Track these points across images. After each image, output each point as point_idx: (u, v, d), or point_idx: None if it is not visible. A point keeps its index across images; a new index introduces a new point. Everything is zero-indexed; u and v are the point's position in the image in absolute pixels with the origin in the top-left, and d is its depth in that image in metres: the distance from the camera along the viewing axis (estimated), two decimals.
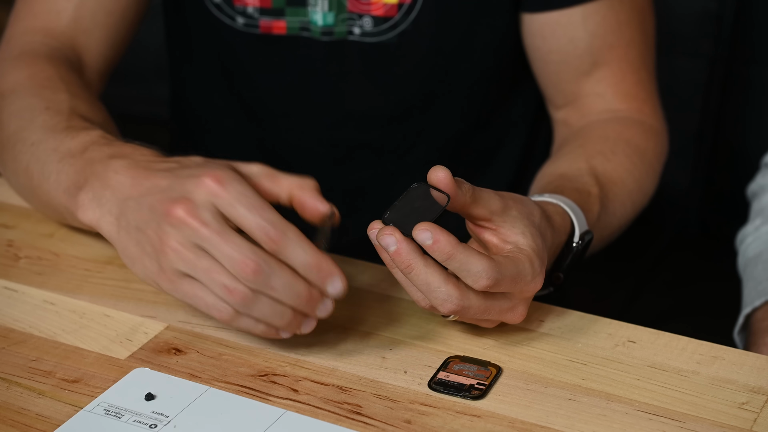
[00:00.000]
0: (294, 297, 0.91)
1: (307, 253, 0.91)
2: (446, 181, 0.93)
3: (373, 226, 0.93)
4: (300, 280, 0.91)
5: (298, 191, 0.96)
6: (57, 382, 0.96)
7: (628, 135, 1.26)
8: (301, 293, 0.91)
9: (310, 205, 0.96)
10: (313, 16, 1.28)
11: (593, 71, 1.29)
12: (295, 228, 0.91)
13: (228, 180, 0.91)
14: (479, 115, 1.37)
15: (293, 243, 0.90)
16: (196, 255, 0.91)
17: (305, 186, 0.96)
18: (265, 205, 0.91)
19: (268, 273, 0.90)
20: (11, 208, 1.22)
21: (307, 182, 0.97)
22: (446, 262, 0.91)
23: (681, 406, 0.92)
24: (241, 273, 0.90)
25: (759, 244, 1.30)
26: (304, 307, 0.92)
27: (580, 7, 1.26)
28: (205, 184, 0.91)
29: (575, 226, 1.07)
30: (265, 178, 0.97)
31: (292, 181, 0.97)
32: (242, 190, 0.91)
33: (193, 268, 0.91)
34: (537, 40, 1.29)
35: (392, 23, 1.28)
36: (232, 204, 0.91)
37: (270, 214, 0.90)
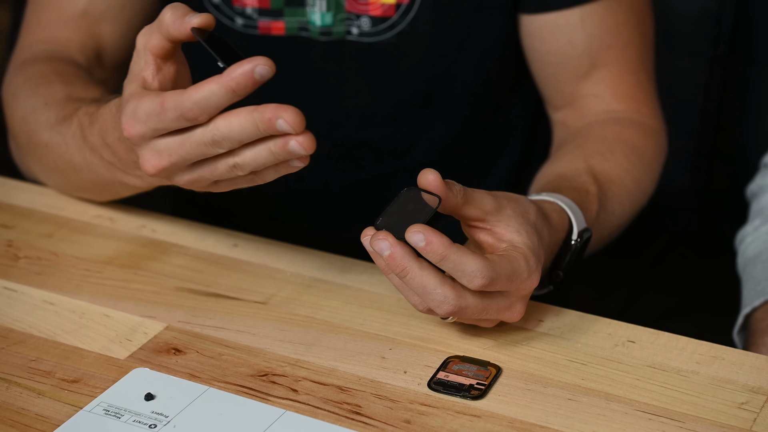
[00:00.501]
0: (251, 131, 0.90)
1: (220, 84, 0.89)
2: (436, 183, 0.93)
3: (366, 233, 0.94)
4: (240, 113, 0.90)
5: (164, 30, 0.93)
6: (56, 382, 0.96)
7: (626, 135, 1.26)
8: (250, 125, 0.90)
9: (177, 34, 0.93)
10: (312, 17, 1.28)
11: (591, 72, 1.29)
12: (194, 86, 0.90)
13: (131, 118, 0.92)
14: (478, 116, 1.37)
15: (203, 99, 0.89)
16: (196, 173, 0.94)
17: (164, 22, 0.93)
18: (163, 102, 0.90)
19: (222, 135, 0.90)
20: (11, 208, 1.22)
21: (164, 16, 0.93)
22: (440, 263, 0.92)
23: (680, 406, 0.92)
24: (213, 151, 0.91)
25: (758, 244, 1.30)
26: (265, 131, 0.90)
27: (579, 9, 1.26)
28: (129, 139, 0.94)
29: (573, 224, 1.07)
30: (149, 45, 0.94)
31: (156, 27, 0.93)
32: (144, 111, 0.91)
33: (206, 178, 0.94)
34: (535, 41, 1.29)
35: (390, 23, 1.28)
36: (152, 129, 0.92)
37: (171, 102, 0.90)
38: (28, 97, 1.20)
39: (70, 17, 1.29)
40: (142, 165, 0.94)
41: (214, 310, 1.05)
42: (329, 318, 1.03)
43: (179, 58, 0.96)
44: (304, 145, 0.90)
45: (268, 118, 0.89)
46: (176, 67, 0.95)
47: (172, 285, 1.08)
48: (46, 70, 1.23)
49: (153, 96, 0.92)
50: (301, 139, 0.90)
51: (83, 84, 1.20)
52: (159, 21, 0.93)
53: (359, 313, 1.04)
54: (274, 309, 1.05)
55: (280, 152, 0.91)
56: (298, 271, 1.10)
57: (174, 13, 0.92)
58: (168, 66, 0.95)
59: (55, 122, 1.14)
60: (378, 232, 0.92)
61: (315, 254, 1.13)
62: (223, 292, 1.07)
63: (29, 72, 1.24)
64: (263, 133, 0.90)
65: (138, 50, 0.95)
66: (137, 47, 0.95)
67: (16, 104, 1.22)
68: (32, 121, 1.18)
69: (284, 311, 1.04)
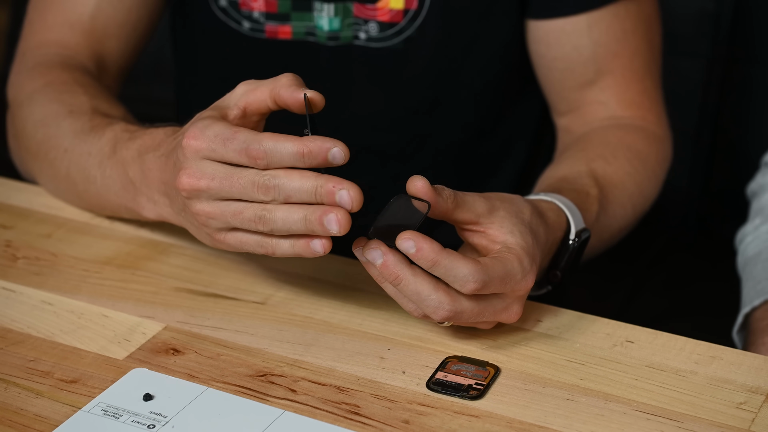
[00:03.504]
0: (308, 192, 0.92)
1: (295, 145, 0.91)
2: (425, 190, 0.93)
3: (357, 243, 0.94)
4: (306, 175, 0.92)
5: (275, 90, 0.96)
6: (55, 382, 0.96)
7: (630, 140, 1.26)
8: (310, 187, 0.91)
9: (286, 97, 0.96)
10: (319, 21, 1.28)
11: (597, 79, 1.29)
12: (270, 134, 0.92)
13: (199, 131, 0.94)
14: (484, 122, 1.37)
15: (274, 148, 0.91)
16: (219, 208, 0.94)
17: (279, 83, 0.96)
18: (235, 133, 0.93)
19: (276, 184, 0.91)
20: (9, 209, 1.22)
21: (281, 79, 0.97)
22: (432, 268, 0.92)
23: (679, 406, 0.92)
24: (256, 196, 0.92)
25: (758, 243, 1.30)
26: (321, 197, 0.92)
27: (586, 15, 1.26)
28: (184, 147, 0.95)
29: (571, 224, 1.07)
30: (249, 95, 0.98)
31: (269, 84, 0.97)
32: (215, 131, 0.94)
33: (225, 220, 0.95)
34: (542, 47, 1.29)
35: (398, 29, 1.28)
36: (211, 149, 0.94)
37: (243, 136, 0.92)
38: (50, 103, 1.20)
39: (77, 21, 1.29)
40: (179, 176, 0.95)
41: (213, 311, 1.05)
42: (328, 318, 1.03)
43: (263, 121, 0.99)
44: (341, 223, 0.91)
45: (332, 188, 0.91)
46: (257, 125, 0.99)
47: (170, 285, 1.08)
48: (68, 79, 1.23)
49: (226, 124, 0.94)
50: (340, 215, 0.91)
51: (107, 100, 1.21)
52: (275, 80, 0.96)
53: (358, 314, 1.04)
54: (273, 309, 1.05)
55: (314, 221, 0.91)
56: (297, 271, 1.10)
57: (292, 80, 0.96)
58: (253, 119, 0.98)
59: (80, 130, 1.14)
60: (370, 241, 0.92)
61: None
62: (221, 292, 1.07)
63: (48, 77, 1.23)
64: (317, 198, 0.91)
65: (235, 92, 0.98)
66: (236, 90, 0.98)
67: (32, 107, 1.21)
68: (53, 126, 1.17)
69: (283, 311, 1.04)
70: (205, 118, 0.96)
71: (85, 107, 1.17)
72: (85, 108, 1.17)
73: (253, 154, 0.92)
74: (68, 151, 1.15)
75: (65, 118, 1.16)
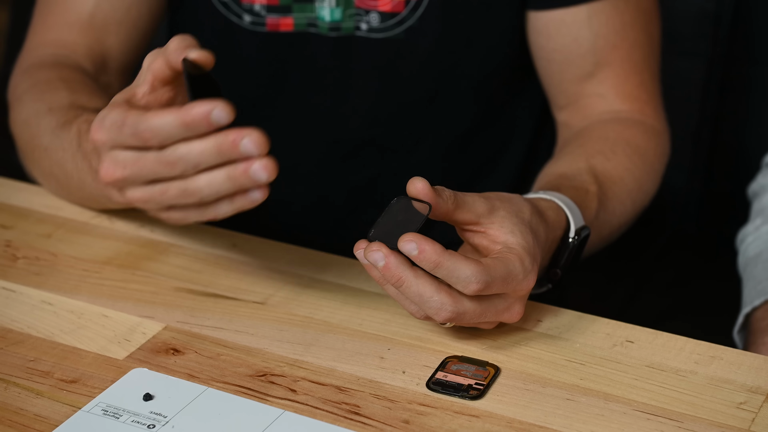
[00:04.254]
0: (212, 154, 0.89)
1: (177, 116, 0.89)
2: (425, 191, 0.93)
3: (359, 246, 0.94)
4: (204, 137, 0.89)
5: (167, 57, 0.93)
6: (55, 382, 0.96)
7: (629, 135, 1.26)
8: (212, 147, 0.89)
9: (174, 63, 0.93)
10: (321, 12, 1.28)
11: (596, 72, 1.29)
12: (155, 111, 0.90)
13: (98, 122, 0.92)
14: (483, 114, 1.37)
15: (159, 125, 0.89)
16: (146, 192, 0.92)
17: (168, 49, 0.93)
18: (125, 118, 0.90)
19: (179, 155, 0.89)
20: (9, 209, 1.22)
21: (170, 44, 0.93)
22: (434, 270, 0.92)
23: (679, 405, 0.92)
24: (168, 173, 0.90)
25: (759, 243, 1.30)
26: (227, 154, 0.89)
27: (586, 6, 1.26)
28: (92, 142, 0.94)
29: (570, 221, 1.07)
30: (152, 66, 0.94)
31: (163, 51, 0.94)
32: (111, 120, 0.91)
33: (156, 201, 0.92)
34: (541, 38, 1.30)
35: (399, 19, 1.28)
36: (112, 139, 0.92)
37: (132, 119, 0.90)
38: (33, 102, 1.20)
39: (76, 20, 1.29)
40: (100, 170, 0.94)
41: (213, 311, 1.05)
42: (328, 318, 1.03)
43: (179, 87, 0.95)
44: (267, 168, 0.89)
45: (232, 140, 0.88)
46: (172, 95, 0.95)
47: (170, 285, 1.08)
48: (53, 76, 1.23)
49: (122, 109, 0.92)
50: (264, 162, 0.88)
51: (88, 92, 1.20)
52: (165, 46, 0.93)
53: (358, 313, 1.04)
54: (273, 309, 1.05)
55: (239, 177, 0.89)
56: (297, 271, 1.10)
57: (179, 43, 0.92)
58: (164, 91, 0.94)
59: (56, 127, 1.15)
60: (371, 243, 0.92)
61: (314, 254, 1.13)
62: (221, 292, 1.07)
63: (36, 77, 1.24)
64: (224, 156, 0.88)
65: (143, 68, 0.95)
66: (143, 65, 0.95)
67: (20, 108, 1.22)
68: (35, 125, 1.18)
69: (283, 311, 1.04)
70: (108, 106, 0.94)
71: (64, 102, 1.17)
72: (64, 103, 1.17)
73: (143, 136, 0.90)
74: (47, 149, 1.16)
75: (45, 116, 1.17)
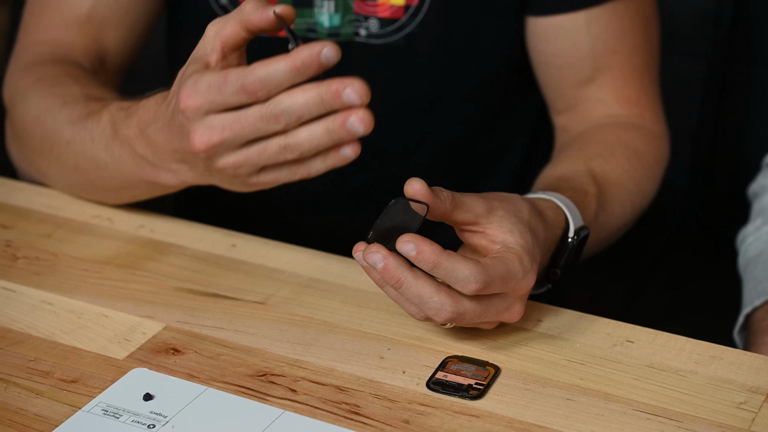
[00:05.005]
0: (315, 104, 0.91)
1: (287, 62, 0.90)
2: (423, 192, 0.93)
3: (357, 248, 0.94)
4: (306, 88, 0.91)
5: (244, 18, 0.95)
6: (55, 382, 0.96)
7: (627, 138, 1.26)
8: (315, 97, 0.91)
9: (257, 21, 0.94)
10: (320, 18, 1.28)
11: (595, 76, 1.29)
12: (259, 63, 0.91)
13: (191, 89, 0.94)
14: (483, 119, 1.37)
15: (268, 75, 0.91)
16: (243, 154, 0.94)
17: (245, 10, 0.95)
18: (226, 76, 0.92)
19: (283, 108, 0.91)
20: (9, 208, 1.22)
21: (245, 6, 0.95)
22: (433, 270, 0.92)
23: (679, 405, 0.92)
24: (270, 128, 0.92)
25: (759, 244, 1.30)
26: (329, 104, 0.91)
27: (585, 12, 1.26)
28: (183, 110, 0.95)
29: (569, 221, 1.07)
30: (221, 33, 0.96)
31: (236, 15, 0.95)
32: (206, 83, 0.93)
33: (253, 163, 0.94)
34: (540, 43, 1.30)
35: (399, 25, 1.28)
36: (210, 101, 0.93)
37: (234, 75, 0.91)
38: (43, 98, 1.20)
39: (73, 20, 1.29)
40: (192, 140, 0.95)
41: (213, 310, 1.05)
42: (328, 318, 1.03)
43: (244, 54, 0.97)
44: (364, 120, 0.91)
45: (335, 89, 0.90)
46: (240, 61, 0.96)
47: (170, 285, 1.08)
48: (58, 72, 1.23)
49: (216, 70, 0.93)
50: (361, 114, 0.91)
51: (97, 86, 1.21)
52: (239, 10, 0.94)
53: (358, 313, 1.04)
54: (273, 309, 1.05)
55: (338, 130, 0.91)
56: (297, 271, 1.10)
57: (256, 2, 0.94)
58: (233, 57, 0.96)
59: (78, 119, 1.14)
60: (370, 245, 0.92)
61: (313, 254, 1.13)
62: (221, 292, 1.07)
63: (39, 73, 1.24)
64: (326, 106, 0.90)
65: (206, 37, 0.96)
66: (206, 34, 0.96)
67: (27, 105, 1.21)
68: (50, 120, 1.17)
69: (283, 311, 1.04)
70: (191, 74, 0.95)
71: (78, 95, 1.17)
72: (78, 96, 1.17)
73: (250, 89, 0.91)
74: (70, 142, 1.15)
75: (61, 110, 1.16)
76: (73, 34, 1.29)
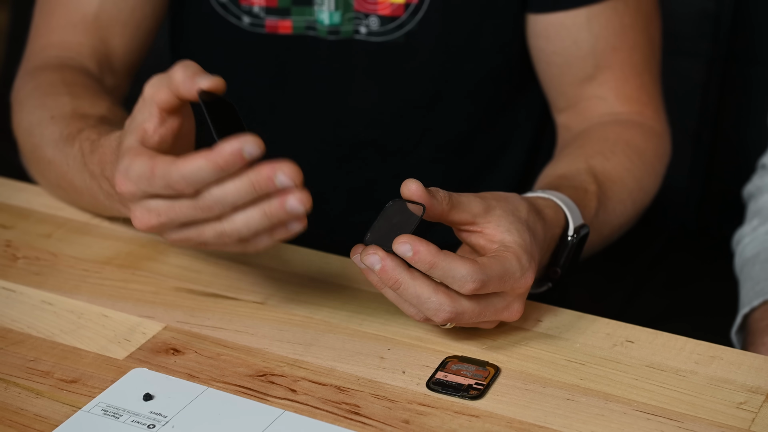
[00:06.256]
0: (247, 191, 0.87)
1: (209, 161, 0.86)
2: (419, 192, 0.93)
3: (355, 251, 0.94)
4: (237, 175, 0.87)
5: (173, 88, 0.91)
6: (55, 382, 0.96)
7: (628, 136, 1.26)
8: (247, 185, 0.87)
9: (186, 94, 0.91)
10: (320, 16, 1.28)
11: (596, 74, 1.29)
12: (184, 159, 0.87)
13: (123, 176, 0.90)
14: (484, 117, 1.37)
15: (191, 174, 0.87)
16: (184, 234, 0.91)
17: (174, 80, 0.91)
18: (153, 169, 0.88)
19: (215, 199, 0.88)
20: (9, 208, 1.22)
21: (175, 74, 0.91)
22: (430, 271, 0.92)
23: (679, 405, 0.92)
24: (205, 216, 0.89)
25: (756, 244, 1.30)
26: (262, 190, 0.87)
27: (585, 9, 1.26)
28: (120, 194, 0.92)
29: (569, 220, 1.07)
30: (156, 97, 0.92)
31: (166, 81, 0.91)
32: (136, 172, 0.89)
33: (197, 240, 0.91)
34: (541, 41, 1.30)
35: (399, 23, 1.28)
36: (142, 190, 0.90)
37: (161, 170, 0.88)
38: (35, 108, 1.19)
39: (80, 21, 1.29)
40: (133, 219, 0.92)
41: (213, 310, 1.05)
42: (328, 318, 1.03)
43: (186, 111, 0.94)
44: (303, 200, 0.88)
45: (266, 176, 0.86)
46: (181, 121, 0.94)
47: (170, 285, 1.08)
48: (55, 79, 1.22)
49: (146, 158, 0.90)
50: (298, 195, 0.88)
51: (91, 97, 1.19)
52: (169, 77, 0.91)
53: (358, 313, 1.04)
54: (273, 309, 1.05)
55: (276, 213, 0.88)
56: (297, 271, 1.10)
57: (185, 71, 0.90)
58: (172, 120, 0.93)
59: (59, 139, 1.13)
60: (367, 247, 0.92)
61: (313, 254, 1.13)
62: (221, 292, 1.07)
63: (38, 80, 1.24)
64: (259, 192, 0.87)
65: (144, 99, 0.93)
66: (144, 96, 0.93)
67: (23, 114, 1.21)
68: (38, 135, 1.17)
69: (283, 311, 1.04)
70: (125, 154, 0.92)
71: (66, 110, 1.16)
72: (66, 110, 1.15)
73: (176, 187, 0.88)
74: (51, 162, 1.15)
75: (47, 126, 1.15)
76: (80, 35, 1.29)
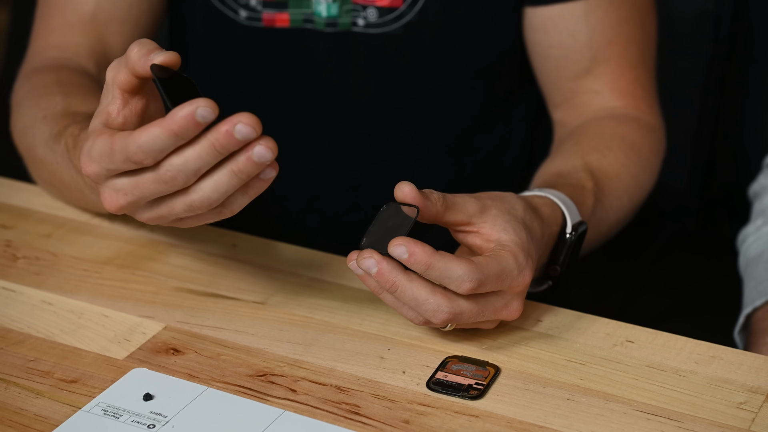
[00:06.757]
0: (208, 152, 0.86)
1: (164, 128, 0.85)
2: (413, 194, 0.93)
3: (351, 257, 0.93)
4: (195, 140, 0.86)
5: (130, 67, 0.90)
6: (55, 382, 0.96)
7: (624, 131, 1.27)
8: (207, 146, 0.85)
9: (141, 71, 0.89)
10: (317, 8, 1.28)
11: (592, 67, 1.29)
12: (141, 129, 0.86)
13: (86, 157, 0.89)
14: (482, 111, 1.37)
15: (148, 143, 0.85)
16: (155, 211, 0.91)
17: (130, 58, 0.89)
18: (112, 144, 0.87)
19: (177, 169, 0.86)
20: (9, 208, 1.22)
21: (131, 52, 0.89)
22: (426, 272, 0.91)
23: (679, 405, 0.92)
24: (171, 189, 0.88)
25: (760, 244, 1.30)
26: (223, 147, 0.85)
27: (583, 2, 1.27)
28: (85, 177, 0.92)
29: (566, 217, 1.07)
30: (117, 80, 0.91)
31: (124, 62, 0.90)
32: (98, 151, 0.88)
33: (169, 215, 0.90)
34: (538, 34, 1.30)
35: (397, 14, 1.28)
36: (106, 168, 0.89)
37: (119, 144, 0.87)
38: (29, 109, 1.20)
39: (77, 21, 1.29)
40: (103, 202, 0.91)
41: (213, 310, 1.05)
42: (328, 318, 1.03)
43: (149, 92, 0.93)
44: (269, 145, 0.85)
45: (225, 131, 0.84)
46: (144, 101, 0.92)
47: (170, 285, 1.08)
48: (50, 80, 1.22)
49: (106, 136, 0.89)
50: (263, 141, 0.85)
51: (83, 95, 1.18)
52: (126, 56, 0.90)
53: (358, 313, 1.04)
54: (273, 309, 1.05)
55: (244, 168, 0.86)
56: (297, 271, 1.10)
57: (140, 49, 0.89)
58: (136, 101, 0.92)
59: (48, 138, 1.13)
60: (363, 251, 0.92)
61: (313, 254, 1.13)
62: (221, 292, 1.07)
63: (34, 81, 1.24)
64: (222, 152, 0.85)
65: (107, 84, 0.92)
66: (106, 80, 0.92)
67: (18, 116, 1.22)
68: (31, 135, 1.17)
69: (283, 311, 1.04)
70: (89, 136, 0.91)
71: (58, 109, 1.15)
72: (57, 110, 1.15)
73: (135, 159, 0.87)
74: (43, 161, 1.15)
75: (39, 126, 1.15)
76: (77, 35, 1.29)
